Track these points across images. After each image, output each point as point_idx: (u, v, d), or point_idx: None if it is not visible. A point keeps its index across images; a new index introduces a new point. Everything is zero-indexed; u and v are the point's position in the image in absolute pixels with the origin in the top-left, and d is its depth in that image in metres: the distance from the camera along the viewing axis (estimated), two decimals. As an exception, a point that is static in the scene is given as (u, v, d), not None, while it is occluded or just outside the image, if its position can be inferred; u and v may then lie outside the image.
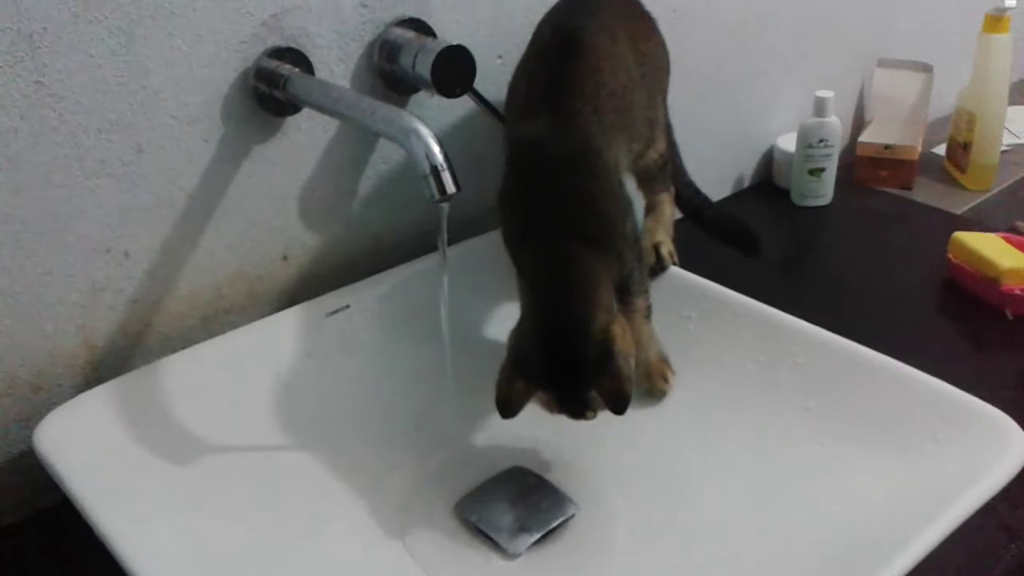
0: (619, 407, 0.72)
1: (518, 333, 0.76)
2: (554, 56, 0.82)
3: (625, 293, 0.83)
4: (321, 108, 0.79)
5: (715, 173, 1.28)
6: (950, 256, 1.07)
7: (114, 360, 0.83)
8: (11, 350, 0.77)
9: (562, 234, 0.76)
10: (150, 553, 0.64)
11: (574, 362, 0.72)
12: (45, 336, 0.78)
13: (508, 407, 0.74)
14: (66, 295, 0.78)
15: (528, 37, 0.95)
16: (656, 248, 0.94)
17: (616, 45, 0.85)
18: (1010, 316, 1.01)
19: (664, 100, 0.97)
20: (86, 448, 0.73)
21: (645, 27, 0.92)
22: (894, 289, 1.08)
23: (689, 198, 1.06)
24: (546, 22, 0.90)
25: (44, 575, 0.75)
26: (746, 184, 1.34)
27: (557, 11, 0.89)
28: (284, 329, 0.85)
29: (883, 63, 1.41)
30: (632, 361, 0.74)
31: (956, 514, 0.64)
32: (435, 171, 0.68)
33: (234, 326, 0.86)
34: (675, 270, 0.93)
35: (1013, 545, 0.75)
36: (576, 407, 0.74)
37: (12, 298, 0.75)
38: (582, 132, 0.80)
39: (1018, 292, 1.00)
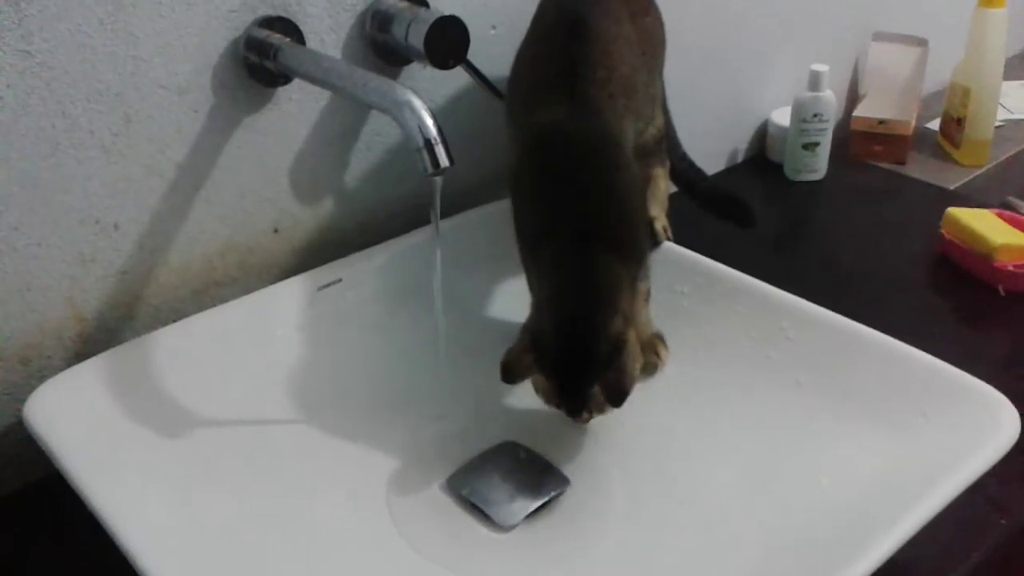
0: (617, 399, 0.72)
1: (535, 322, 0.76)
2: (563, 41, 0.81)
3: (634, 276, 0.82)
4: (312, 79, 0.78)
5: (709, 147, 1.27)
6: (943, 232, 1.07)
7: (104, 333, 0.82)
8: (0, 323, 0.76)
9: (588, 238, 0.76)
10: (141, 525, 0.64)
11: (584, 358, 0.73)
12: (34, 309, 0.78)
13: (512, 372, 0.74)
14: (55, 267, 0.78)
15: (522, 7, 0.94)
16: (651, 223, 0.93)
17: (621, 26, 0.85)
18: (1003, 292, 1.01)
19: (661, 74, 0.97)
20: (77, 421, 0.73)
21: (643, 2, 0.91)
22: (887, 264, 1.08)
23: (684, 171, 1.05)
24: (549, 4, 0.88)
25: (36, 547, 0.75)
26: (740, 158, 1.34)
27: (554, 3, 0.88)
28: (275, 302, 0.85)
29: (878, 37, 1.40)
30: (639, 367, 0.75)
31: (946, 490, 0.64)
32: (428, 144, 0.67)
33: (225, 299, 0.86)
34: (669, 245, 0.92)
35: (1003, 520, 0.75)
36: (576, 403, 0.75)
37: (0, 271, 0.75)
38: (601, 120, 0.80)
39: (1011, 268, 1.00)
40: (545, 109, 0.80)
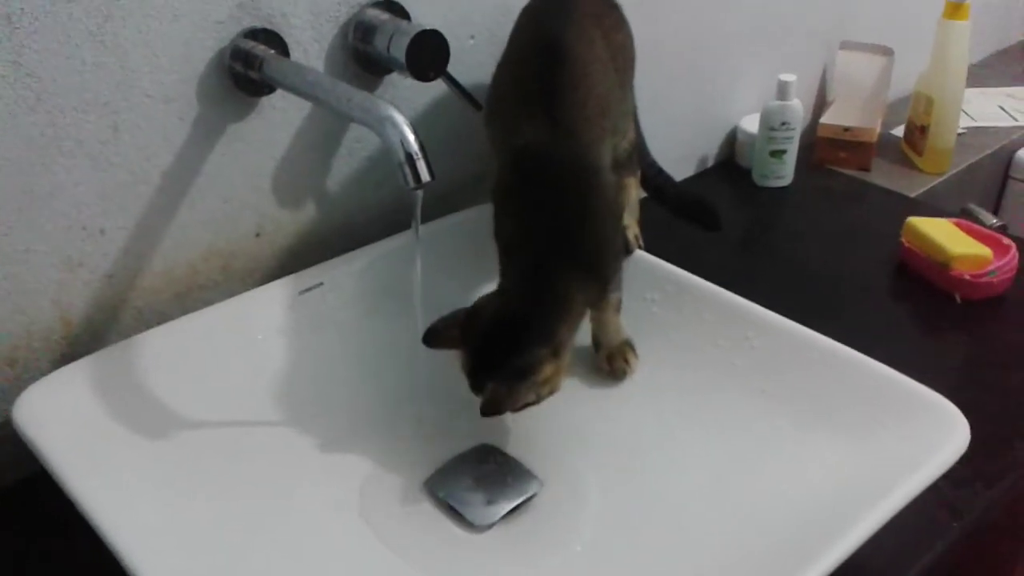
0: (486, 410, 0.74)
1: (481, 304, 0.79)
2: (540, 64, 0.84)
3: (601, 296, 0.85)
4: (296, 91, 0.80)
5: (679, 153, 1.30)
6: (903, 240, 1.11)
7: (90, 336, 0.84)
8: (-12, 325, 0.78)
9: (553, 258, 0.79)
10: (128, 524, 0.66)
11: (495, 356, 0.76)
12: (21, 311, 0.79)
13: (434, 337, 0.78)
14: (43, 272, 0.79)
15: (501, 18, 0.96)
16: (623, 232, 0.96)
17: (594, 47, 0.87)
18: (959, 300, 1.05)
19: (632, 88, 0.99)
20: (64, 422, 0.74)
21: (614, 19, 0.93)
22: (849, 271, 1.11)
23: (652, 177, 1.08)
24: (527, 23, 0.91)
25: (23, 545, 0.77)
26: (710, 164, 1.37)
27: (536, 11, 0.90)
28: (257, 306, 0.87)
29: (845, 45, 1.44)
30: (538, 396, 0.77)
31: (900, 497, 0.67)
32: (410, 159, 0.69)
33: (208, 302, 0.87)
34: (640, 254, 0.95)
35: (955, 524, 0.79)
36: (476, 384, 0.77)
37: (-11, 274, 0.76)
38: (577, 143, 0.82)
39: (967, 277, 1.04)
40: (523, 131, 0.83)
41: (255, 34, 0.83)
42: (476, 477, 0.80)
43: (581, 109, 0.82)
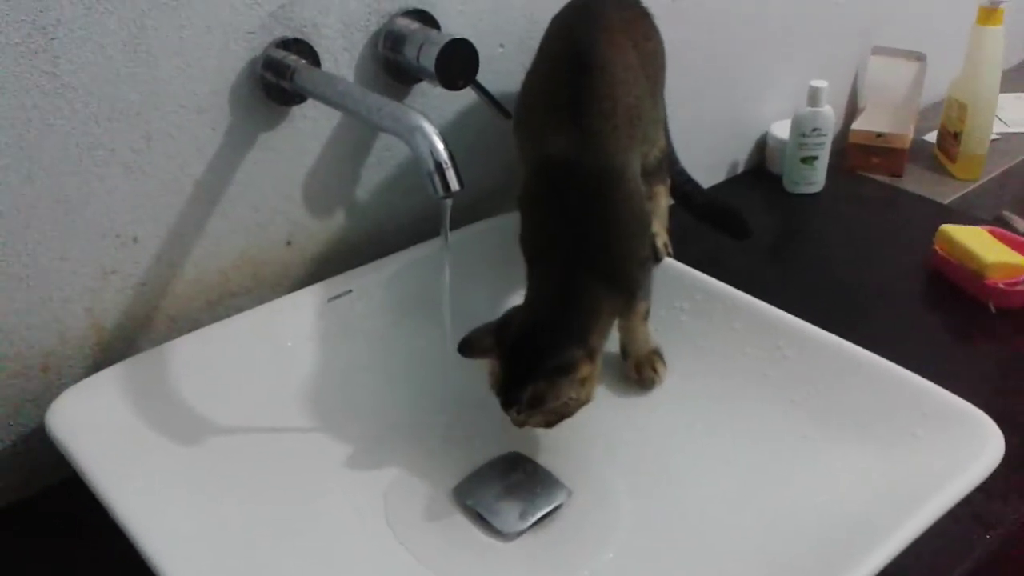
0: (532, 405, 0.76)
1: (510, 314, 0.79)
2: (569, 73, 0.83)
3: (630, 297, 0.85)
4: (327, 101, 0.81)
5: (709, 159, 1.30)
6: (936, 248, 1.10)
7: (122, 342, 0.85)
8: (23, 332, 0.79)
9: (579, 266, 0.79)
10: (159, 528, 0.67)
11: (531, 359, 0.76)
12: (56, 319, 0.80)
13: (469, 347, 0.79)
14: (77, 279, 0.80)
15: (530, 27, 0.96)
16: (651, 240, 0.96)
17: (625, 55, 0.87)
18: (993, 309, 1.03)
19: (662, 96, 0.99)
20: (96, 427, 0.75)
21: (645, 27, 0.93)
22: (881, 278, 1.11)
23: (681, 185, 1.08)
24: (557, 32, 0.91)
25: (55, 550, 0.77)
26: (740, 170, 1.36)
27: (566, 19, 0.90)
28: (287, 313, 0.87)
29: (877, 51, 1.42)
30: (578, 401, 0.78)
31: (932, 509, 0.67)
32: (439, 168, 0.70)
33: (239, 309, 0.88)
34: (669, 261, 0.95)
35: (987, 535, 0.78)
36: (509, 396, 0.77)
37: (24, 282, 0.77)
38: (604, 154, 0.82)
39: (1001, 286, 1.03)
40: (551, 140, 0.83)
41: (287, 44, 0.83)
42: (504, 485, 0.80)
43: (609, 118, 0.82)
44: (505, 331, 0.78)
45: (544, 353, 0.76)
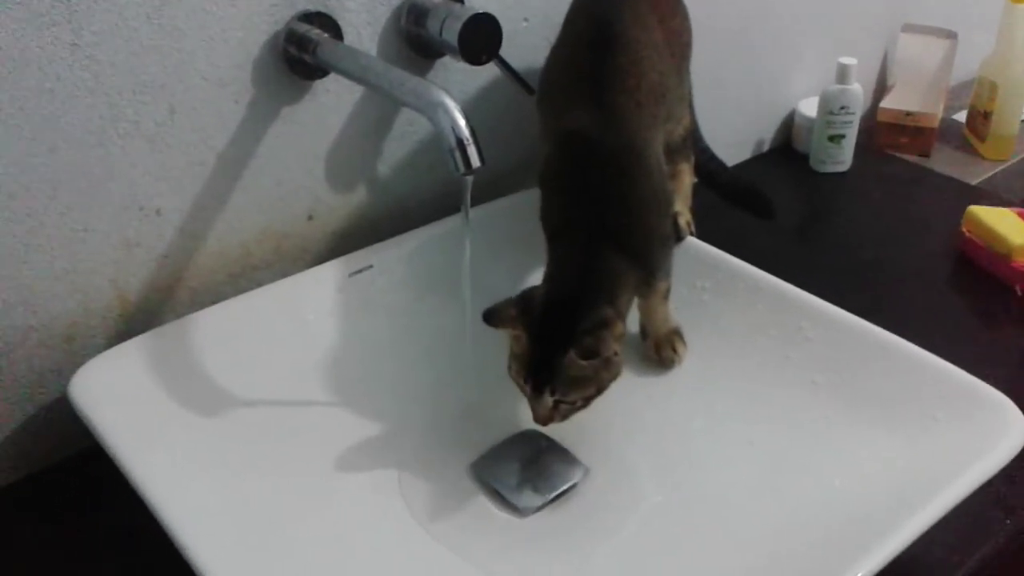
0: (588, 355, 0.74)
1: (532, 289, 0.79)
2: (592, 50, 0.83)
3: (650, 276, 0.84)
4: (350, 75, 0.80)
5: (735, 137, 1.29)
6: (964, 230, 1.09)
7: (145, 314, 0.86)
8: (47, 303, 0.79)
9: (600, 243, 0.78)
10: (180, 500, 0.68)
11: (563, 324, 0.74)
12: (80, 290, 0.81)
13: (494, 317, 0.76)
14: (100, 251, 0.81)
15: (555, 1, 0.95)
16: (674, 218, 0.95)
17: (650, 32, 0.86)
18: (1020, 292, 1.02)
19: (688, 73, 0.98)
20: (118, 398, 0.76)
21: (671, 4, 0.92)
22: (907, 260, 1.09)
23: (704, 163, 1.07)
24: (581, 7, 0.90)
25: (77, 519, 0.78)
26: (766, 148, 1.35)
27: (585, 9, 0.89)
28: (308, 288, 0.88)
29: (908, 28, 1.40)
30: (614, 370, 0.77)
31: (953, 494, 0.66)
32: (461, 145, 0.69)
33: (261, 283, 0.89)
34: (692, 240, 0.94)
35: (1008, 520, 0.77)
36: (542, 376, 0.75)
37: (49, 253, 0.78)
38: (626, 130, 0.82)
39: (1030, 269, 1.02)
40: (573, 115, 0.82)
41: (309, 17, 0.83)
42: (522, 462, 0.81)
43: (632, 95, 0.82)
44: (528, 306, 0.76)
45: (577, 321, 0.74)
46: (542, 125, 0.89)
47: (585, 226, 0.79)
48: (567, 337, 0.74)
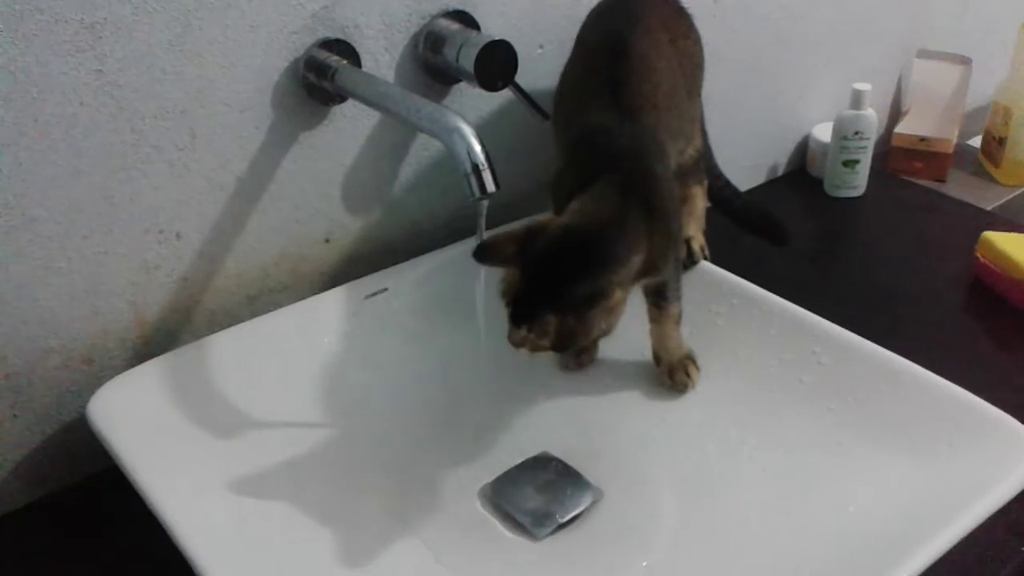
0: (560, 345, 0.70)
1: (542, 221, 0.73)
2: (607, 59, 0.84)
3: (661, 298, 0.85)
4: (367, 102, 0.81)
5: (749, 161, 1.29)
6: (978, 255, 1.09)
7: (163, 336, 0.86)
8: (67, 325, 0.80)
9: (624, 194, 0.75)
10: (195, 521, 0.68)
11: (559, 282, 0.70)
12: (99, 312, 0.82)
13: (485, 254, 0.73)
14: (120, 274, 0.82)
15: (569, 28, 0.96)
16: (687, 242, 0.96)
17: (661, 49, 0.87)
18: (1034, 318, 1.02)
19: (700, 96, 0.99)
20: (137, 419, 0.77)
21: (683, 26, 0.93)
22: (921, 285, 1.09)
23: (719, 189, 1.07)
24: (592, 27, 0.91)
25: (94, 539, 0.79)
26: (780, 172, 1.35)
27: (601, 16, 0.91)
28: (325, 310, 0.88)
29: (922, 54, 1.41)
30: (605, 328, 0.72)
31: (967, 521, 0.66)
32: (476, 170, 0.70)
33: (278, 305, 0.89)
34: (705, 265, 0.95)
35: (1022, 548, 0.77)
36: (525, 312, 0.71)
37: (69, 276, 0.79)
38: (646, 124, 0.82)
39: (1044, 295, 1.02)
40: (589, 115, 0.82)
41: (329, 45, 0.84)
42: (535, 486, 0.81)
43: (648, 97, 0.82)
44: (533, 240, 0.72)
45: (576, 275, 0.70)
46: (556, 139, 0.90)
47: (616, 183, 0.75)
48: (559, 288, 0.69)
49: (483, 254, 0.73)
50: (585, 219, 0.74)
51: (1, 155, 0.72)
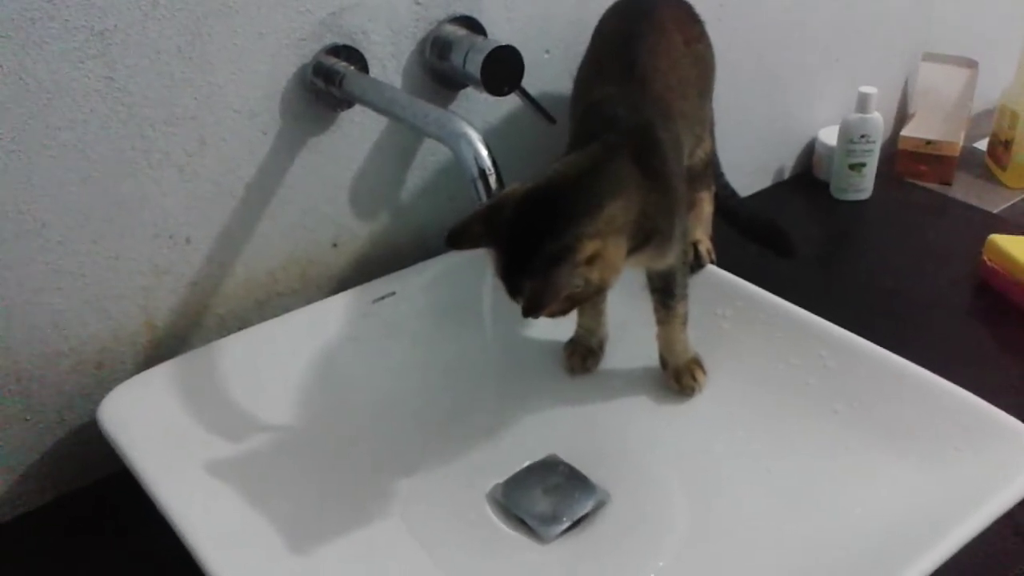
0: (528, 310, 0.66)
1: (510, 187, 0.72)
2: (622, 47, 0.84)
3: (668, 295, 0.85)
4: (375, 107, 0.82)
5: (756, 164, 1.29)
6: (985, 258, 1.09)
7: (174, 340, 0.87)
8: (78, 329, 0.81)
9: (618, 147, 0.73)
10: (205, 524, 0.69)
11: (530, 246, 0.68)
12: (110, 316, 0.82)
13: (456, 239, 0.71)
14: (131, 278, 0.82)
15: (575, 32, 0.97)
16: (695, 245, 0.96)
17: (676, 46, 0.88)
18: (1041, 321, 1.02)
19: (710, 100, 0.99)
20: (147, 422, 0.77)
21: (696, 30, 0.94)
22: (928, 288, 1.09)
23: (725, 199, 1.07)
24: (609, 20, 0.92)
25: (104, 542, 0.80)
26: (786, 175, 1.36)
27: (618, 11, 0.91)
28: (332, 314, 0.89)
29: (928, 57, 1.41)
30: (592, 288, 0.70)
31: (973, 524, 0.66)
32: (483, 175, 0.71)
33: (286, 309, 0.90)
34: (712, 268, 0.95)
35: (1029, 551, 0.77)
36: (514, 284, 0.70)
37: (80, 280, 0.80)
38: (655, 93, 0.82)
39: (1051, 298, 1.02)
40: (601, 89, 0.83)
41: (336, 51, 0.85)
42: (543, 489, 0.81)
43: (663, 78, 0.83)
44: (496, 215, 0.69)
45: (542, 236, 0.67)
46: (570, 127, 0.87)
47: (607, 141, 0.74)
48: (528, 253, 0.67)
49: (454, 239, 0.70)
50: (554, 178, 0.71)
51: (12, 161, 0.73)
